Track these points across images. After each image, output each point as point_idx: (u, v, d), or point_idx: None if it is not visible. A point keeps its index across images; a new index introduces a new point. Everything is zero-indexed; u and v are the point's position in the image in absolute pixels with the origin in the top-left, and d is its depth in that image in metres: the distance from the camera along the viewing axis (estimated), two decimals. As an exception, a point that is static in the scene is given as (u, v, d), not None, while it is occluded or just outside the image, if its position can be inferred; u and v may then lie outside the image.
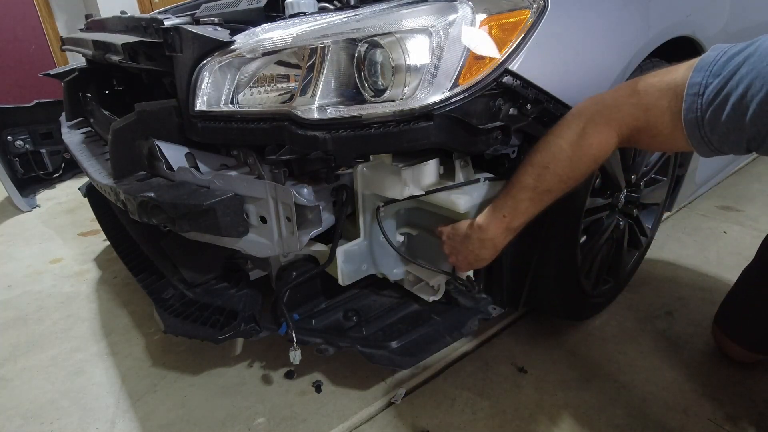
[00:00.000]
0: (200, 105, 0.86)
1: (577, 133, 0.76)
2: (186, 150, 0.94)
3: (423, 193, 0.87)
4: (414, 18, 0.74)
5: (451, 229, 0.90)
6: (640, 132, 0.74)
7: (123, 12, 1.34)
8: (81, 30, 1.56)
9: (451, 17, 0.74)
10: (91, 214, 1.79)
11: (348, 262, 0.94)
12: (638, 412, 0.99)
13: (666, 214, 1.69)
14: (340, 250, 0.91)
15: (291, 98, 0.79)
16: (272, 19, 0.92)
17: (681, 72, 0.69)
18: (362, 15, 0.78)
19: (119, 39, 1.06)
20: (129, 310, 1.44)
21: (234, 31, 0.86)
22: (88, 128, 1.52)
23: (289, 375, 1.13)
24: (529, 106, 0.80)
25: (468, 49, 0.74)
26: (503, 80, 0.75)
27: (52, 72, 1.77)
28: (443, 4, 0.76)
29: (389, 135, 0.73)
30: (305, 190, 0.85)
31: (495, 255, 0.88)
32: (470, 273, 1.00)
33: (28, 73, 3.66)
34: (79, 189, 1.81)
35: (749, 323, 1.06)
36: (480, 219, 0.86)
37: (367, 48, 0.74)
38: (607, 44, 0.91)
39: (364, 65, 0.75)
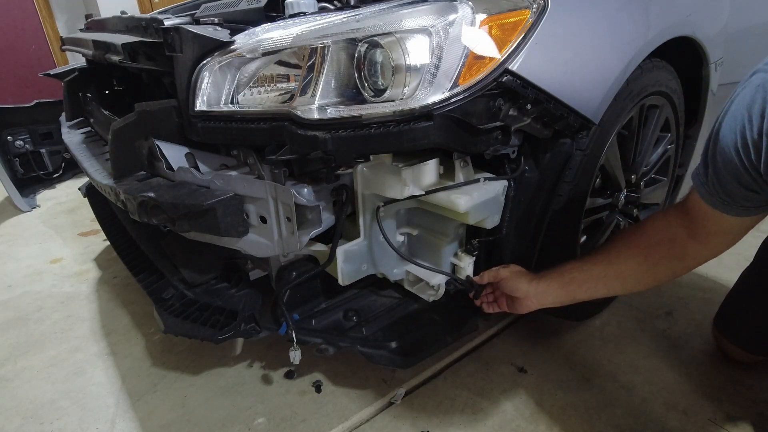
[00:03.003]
0: (200, 105, 0.86)
1: None
2: (186, 150, 0.94)
3: (423, 193, 0.87)
4: (414, 18, 0.74)
5: (511, 285, 0.92)
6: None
7: (123, 12, 1.33)
8: (81, 30, 1.56)
9: (451, 17, 0.74)
10: (91, 214, 1.79)
11: (348, 262, 0.93)
12: (638, 412, 0.99)
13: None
14: (340, 250, 0.91)
15: (291, 98, 0.79)
16: (272, 19, 0.92)
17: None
18: (362, 15, 0.78)
19: (119, 39, 1.06)
20: (129, 310, 1.44)
21: (234, 31, 0.86)
22: (88, 128, 1.52)
23: (289, 375, 1.13)
24: (529, 106, 0.80)
25: (468, 49, 0.74)
26: (503, 80, 0.75)
27: (52, 72, 1.76)
28: (443, 4, 0.76)
29: (389, 135, 0.73)
30: (305, 190, 0.85)
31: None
32: (470, 273, 1.00)
33: (28, 73, 3.66)
34: (79, 189, 1.81)
35: (748, 325, 1.06)
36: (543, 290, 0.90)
37: (367, 48, 0.74)
38: (607, 44, 0.91)
39: (364, 65, 0.75)
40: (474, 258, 0.99)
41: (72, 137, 1.46)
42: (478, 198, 0.87)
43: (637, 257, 0.83)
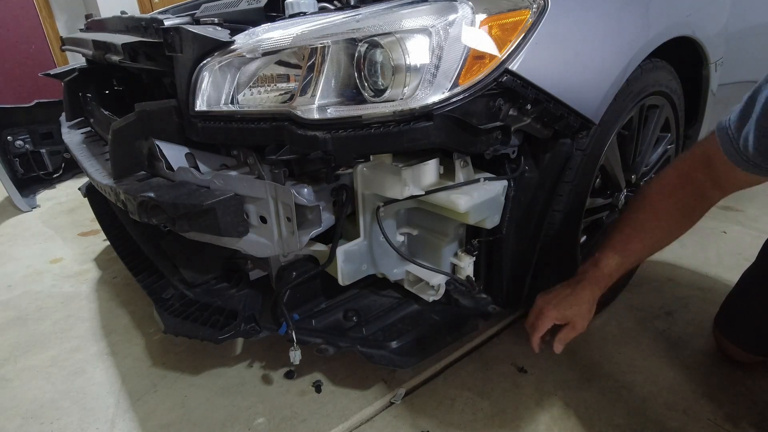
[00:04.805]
0: (200, 105, 0.86)
1: None
2: (186, 150, 0.94)
3: (423, 193, 0.87)
4: (414, 18, 0.74)
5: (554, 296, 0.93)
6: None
7: (123, 12, 1.33)
8: (81, 30, 1.56)
9: (451, 17, 0.74)
10: (91, 214, 1.79)
11: (348, 262, 0.94)
12: (638, 412, 0.99)
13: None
14: (340, 250, 0.91)
15: (291, 98, 0.79)
16: (272, 19, 0.92)
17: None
18: (362, 15, 0.78)
19: (119, 39, 1.06)
20: (129, 310, 1.44)
21: (234, 31, 0.86)
22: (88, 128, 1.52)
23: (289, 375, 1.13)
24: (529, 106, 0.80)
25: (468, 49, 0.74)
26: (503, 80, 0.75)
27: (52, 72, 1.76)
28: (443, 4, 0.76)
29: (389, 135, 0.73)
30: (305, 190, 0.85)
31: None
32: (470, 273, 1.00)
33: (28, 73, 3.66)
34: (79, 189, 1.81)
35: (749, 326, 1.06)
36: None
37: (367, 48, 0.74)
38: (607, 44, 0.91)
39: (364, 65, 0.75)
40: (474, 258, 0.99)
41: (72, 137, 1.47)
42: (478, 198, 0.87)
43: (670, 221, 0.88)
